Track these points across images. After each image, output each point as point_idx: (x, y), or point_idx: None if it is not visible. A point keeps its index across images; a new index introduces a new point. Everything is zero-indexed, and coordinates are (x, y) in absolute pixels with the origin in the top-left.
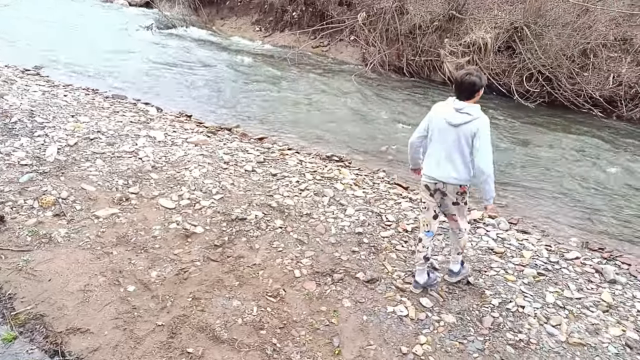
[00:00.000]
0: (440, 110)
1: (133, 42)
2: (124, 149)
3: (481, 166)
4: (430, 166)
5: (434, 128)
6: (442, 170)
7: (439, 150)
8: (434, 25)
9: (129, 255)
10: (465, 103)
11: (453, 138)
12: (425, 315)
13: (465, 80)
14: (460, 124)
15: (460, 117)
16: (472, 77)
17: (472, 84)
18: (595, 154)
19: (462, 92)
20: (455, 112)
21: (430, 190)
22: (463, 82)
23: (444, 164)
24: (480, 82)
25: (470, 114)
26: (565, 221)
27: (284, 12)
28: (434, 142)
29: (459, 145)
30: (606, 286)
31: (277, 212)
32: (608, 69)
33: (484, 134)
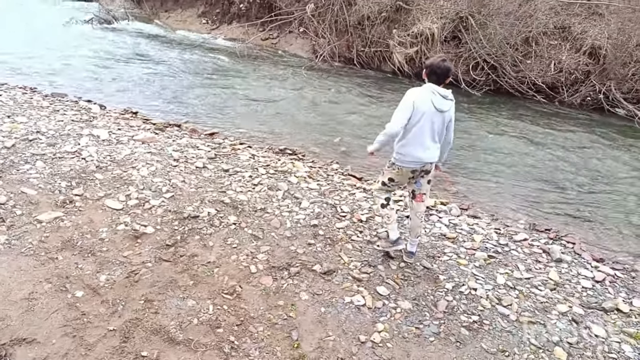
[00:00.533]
0: (424, 97)
1: (73, 37)
2: (65, 149)
3: (450, 140)
4: (416, 149)
5: (419, 114)
6: (431, 152)
7: (426, 134)
8: (382, 16)
9: (76, 259)
10: (439, 87)
11: (439, 122)
12: (382, 303)
13: (444, 66)
14: (447, 110)
15: (447, 103)
16: (448, 63)
17: (449, 69)
18: (539, 139)
19: (441, 76)
20: (443, 99)
21: (415, 174)
22: (441, 67)
23: (432, 146)
24: (452, 67)
25: (452, 99)
26: (513, 204)
27: (230, 4)
28: (419, 127)
29: (443, 128)
30: (553, 265)
31: (231, 208)
32: (549, 56)
33: (453, 117)
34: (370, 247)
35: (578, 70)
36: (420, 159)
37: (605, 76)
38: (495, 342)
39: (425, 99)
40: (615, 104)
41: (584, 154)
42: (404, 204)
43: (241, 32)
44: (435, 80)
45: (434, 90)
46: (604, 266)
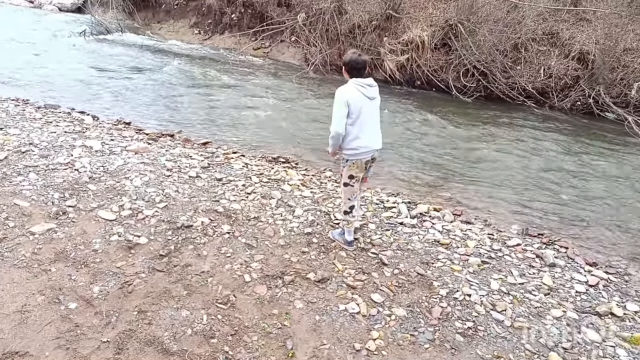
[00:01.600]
0: (354, 93)
1: (65, 49)
2: (58, 160)
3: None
4: (365, 141)
5: (358, 109)
6: (377, 139)
7: (369, 125)
8: (372, 24)
9: (69, 271)
10: (368, 78)
11: (374, 110)
12: (376, 310)
13: (361, 59)
14: (376, 97)
15: (374, 90)
16: (364, 56)
17: (365, 61)
18: (531, 144)
19: (361, 70)
20: (370, 88)
21: (369, 162)
22: (359, 61)
23: (377, 134)
24: (368, 59)
25: (375, 85)
26: (506, 210)
27: (222, 14)
28: (361, 120)
29: (378, 114)
30: (546, 270)
31: (224, 217)
32: (538, 62)
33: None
34: (364, 254)
35: (567, 76)
36: (371, 147)
37: (595, 81)
38: (490, 348)
39: (355, 94)
40: (605, 108)
41: (575, 158)
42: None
43: (233, 42)
44: (357, 74)
45: (360, 84)
46: (597, 270)
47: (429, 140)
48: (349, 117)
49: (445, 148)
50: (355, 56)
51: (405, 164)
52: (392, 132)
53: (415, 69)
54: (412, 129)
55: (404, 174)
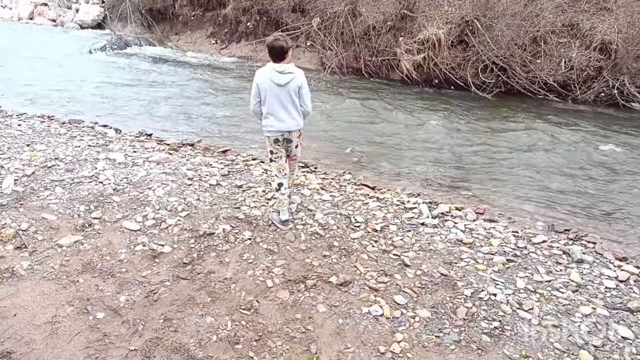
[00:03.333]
0: (264, 77)
1: (87, 64)
2: (83, 174)
3: (307, 109)
4: (272, 121)
5: (265, 91)
6: (287, 123)
7: (275, 106)
8: (387, 25)
9: (96, 281)
10: (283, 64)
11: (285, 95)
12: (400, 312)
13: (276, 44)
14: (287, 83)
15: (285, 77)
16: (280, 41)
17: (281, 47)
18: (554, 138)
19: (276, 55)
20: (280, 74)
21: (279, 142)
22: (274, 46)
23: (285, 117)
24: (287, 44)
25: (292, 72)
26: (530, 206)
27: (238, 23)
28: (269, 102)
29: (291, 100)
30: (574, 266)
31: (245, 224)
32: (559, 54)
33: (304, 84)
34: (386, 256)
35: (589, 67)
36: (278, 128)
37: (618, 71)
38: (517, 348)
39: (264, 77)
40: (631, 98)
41: (600, 150)
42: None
43: (250, 50)
44: (273, 58)
45: (271, 69)
46: (627, 265)
47: (448, 139)
48: (259, 97)
49: (466, 146)
50: (271, 40)
51: (426, 164)
52: (411, 131)
53: (433, 68)
54: (430, 128)
55: (424, 174)
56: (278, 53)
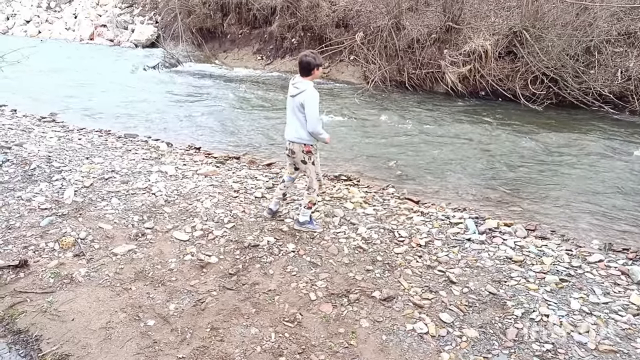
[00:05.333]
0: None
1: (141, 81)
2: (137, 185)
3: (309, 128)
4: (285, 129)
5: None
6: (288, 132)
7: (287, 116)
8: (431, 37)
9: (147, 289)
10: (302, 79)
11: (291, 106)
12: (446, 331)
13: (304, 60)
14: (294, 95)
15: (294, 90)
16: (308, 57)
17: (308, 63)
18: (609, 152)
19: (302, 69)
20: (292, 86)
21: (287, 150)
22: (302, 61)
23: (289, 127)
24: (314, 62)
25: (298, 87)
26: (585, 223)
27: (283, 40)
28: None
29: (295, 112)
30: (634, 288)
31: (289, 236)
32: (615, 64)
33: (309, 103)
34: (431, 272)
35: None
36: (284, 137)
37: None
38: None
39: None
40: None
41: None
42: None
43: (294, 65)
44: (300, 72)
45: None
46: None
47: (496, 152)
48: None
49: (516, 160)
50: (301, 55)
51: (472, 178)
52: (455, 145)
53: (479, 80)
54: (477, 141)
55: (470, 188)
56: (304, 68)
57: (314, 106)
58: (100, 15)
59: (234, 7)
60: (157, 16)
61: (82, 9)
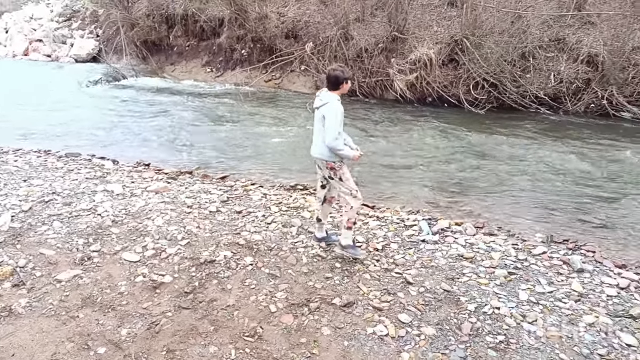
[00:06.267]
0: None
1: (83, 98)
2: (81, 207)
3: (326, 142)
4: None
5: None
6: (312, 148)
7: (315, 132)
8: (379, 47)
9: (97, 316)
10: (328, 92)
11: (316, 119)
12: (405, 331)
13: (332, 74)
14: (319, 107)
15: (318, 101)
16: (337, 72)
17: (336, 77)
18: (548, 149)
19: (331, 84)
20: (317, 99)
21: (316, 166)
22: (330, 75)
23: (314, 142)
24: (343, 75)
25: (322, 100)
26: (529, 218)
27: (233, 52)
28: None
29: (319, 126)
30: (575, 276)
31: (247, 250)
32: (548, 68)
33: (329, 116)
34: (389, 275)
35: (578, 79)
36: (311, 153)
37: (606, 82)
38: None
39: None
40: (620, 108)
41: (594, 160)
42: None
43: (245, 77)
44: (328, 87)
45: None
46: (627, 272)
47: (445, 156)
48: None
49: (463, 162)
50: (330, 69)
51: (424, 181)
52: (407, 150)
53: (426, 87)
54: (427, 146)
55: (423, 191)
56: (333, 82)
57: (335, 120)
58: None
59: (180, 19)
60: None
61: (14, 24)
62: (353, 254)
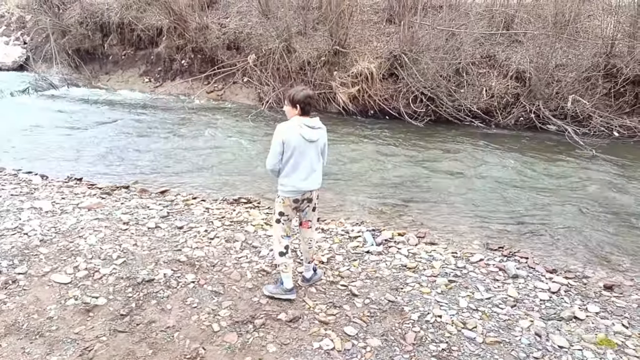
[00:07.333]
0: (293, 132)
1: (8, 108)
2: (5, 226)
3: (324, 163)
4: (298, 180)
5: (292, 148)
6: (311, 181)
7: (304, 165)
8: (321, 60)
9: (22, 344)
10: (314, 119)
11: (314, 152)
12: (351, 344)
13: (313, 96)
14: (318, 139)
15: (317, 133)
16: (313, 93)
17: (315, 99)
18: (480, 161)
19: (311, 108)
20: (312, 130)
21: (297, 203)
22: (312, 98)
23: (312, 175)
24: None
25: (321, 128)
26: (467, 227)
27: (172, 61)
28: (294, 160)
29: (318, 156)
30: (510, 282)
31: (188, 266)
32: (480, 83)
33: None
34: (334, 287)
35: (508, 94)
36: (299, 188)
37: (534, 97)
38: None
39: (293, 133)
40: (546, 121)
41: (523, 170)
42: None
43: (186, 87)
44: (305, 112)
45: (301, 124)
46: (557, 276)
47: (386, 167)
48: (283, 154)
49: (403, 173)
50: (304, 93)
51: (367, 192)
52: (351, 162)
53: (367, 99)
54: (369, 157)
55: (366, 202)
56: (313, 105)
57: None
58: None
59: (115, 27)
60: (25, 36)
61: None
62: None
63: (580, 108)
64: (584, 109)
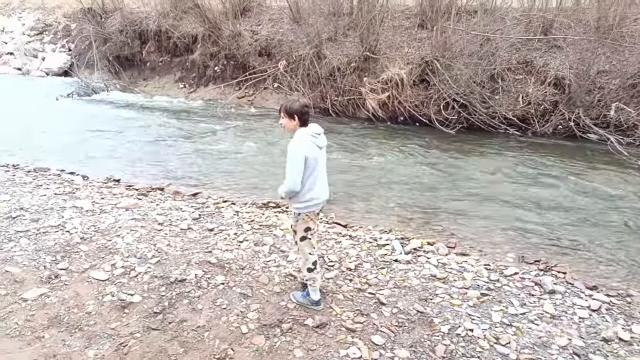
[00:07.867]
0: (309, 145)
1: (53, 112)
2: (49, 223)
3: None
4: (319, 192)
5: (312, 162)
6: (326, 189)
7: (321, 175)
8: (351, 66)
9: (63, 336)
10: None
11: (324, 158)
12: (378, 353)
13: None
14: (325, 144)
15: (324, 139)
16: (309, 102)
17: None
18: (517, 170)
19: (309, 117)
20: (319, 137)
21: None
22: (309, 107)
23: (326, 184)
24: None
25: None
26: (501, 238)
27: (206, 68)
28: (315, 171)
29: (324, 166)
30: (547, 297)
31: (218, 268)
32: (516, 90)
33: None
34: (362, 295)
35: (546, 101)
36: (323, 199)
37: (573, 104)
38: None
39: (310, 146)
40: (587, 130)
41: (563, 181)
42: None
43: (218, 93)
44: (305, 122)
45: (312, 133)
46: (598, 294)
47: (416, 175)
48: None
49: (433, 180)
50: (302, 103)
51: (396, 200)
52: (379, 169)
53: (397, 106)
54: (398, 164)
55: (395, 210)
56: (310, 114)
57: None
58: (6, 43)
59: (153, 35)
60: (70, 44)
61: None
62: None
63: (624, 116)
64: (628, 117)
